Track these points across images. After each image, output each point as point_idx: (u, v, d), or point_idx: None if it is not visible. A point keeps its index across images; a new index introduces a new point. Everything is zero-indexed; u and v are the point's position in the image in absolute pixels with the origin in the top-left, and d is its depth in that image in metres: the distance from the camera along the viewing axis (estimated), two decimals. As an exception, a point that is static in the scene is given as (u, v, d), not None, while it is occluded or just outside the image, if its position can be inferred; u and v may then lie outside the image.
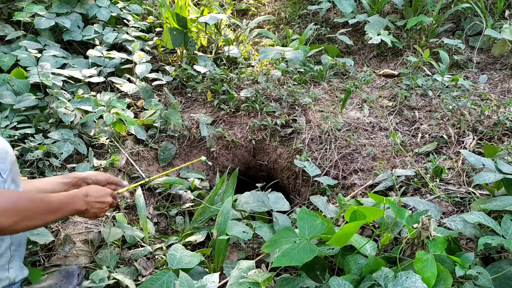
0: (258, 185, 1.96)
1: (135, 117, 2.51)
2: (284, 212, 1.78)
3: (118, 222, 1.88)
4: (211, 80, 2.83)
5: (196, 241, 1.84)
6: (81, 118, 2.28)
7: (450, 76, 2.70)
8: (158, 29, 3.27)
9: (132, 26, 3.10)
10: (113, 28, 3.03)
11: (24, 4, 2.80)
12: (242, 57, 3.17)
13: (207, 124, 2.57)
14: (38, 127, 2.24)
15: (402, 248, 1.40)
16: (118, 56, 2.74)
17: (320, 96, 2.73)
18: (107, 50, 2.81)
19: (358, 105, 2.67)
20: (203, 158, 1.86)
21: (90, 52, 2.69)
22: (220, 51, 3.18)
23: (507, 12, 3.18)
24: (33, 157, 2.02)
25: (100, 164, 2.15)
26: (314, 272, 1.40)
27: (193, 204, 2.19)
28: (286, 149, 2.51)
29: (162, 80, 2.82)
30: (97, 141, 2.29)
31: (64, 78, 2.46)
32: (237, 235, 1.61)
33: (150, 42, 3.12)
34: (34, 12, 2.78)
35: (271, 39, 3.41)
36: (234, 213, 1.86)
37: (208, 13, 3.11)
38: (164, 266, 1.68)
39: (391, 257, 1.42)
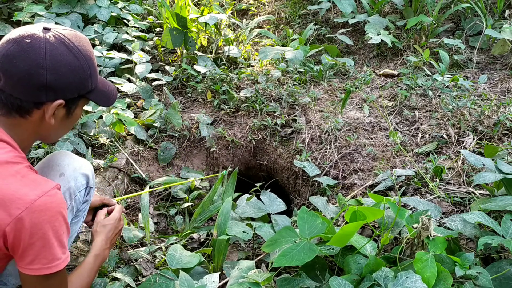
0: (257, 184, 1.96)
1: (135, 117, 2.51)
2: (282, 212, 1.78)
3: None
4: (211, 80, 2.83)
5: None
6: (81, 118, 2.28)
7: (450, 76, 2.70)
8: (158, 29, 3.27)
9: (132, 26, 3.09)
10: (113, 28, 3.03)
11: (24, 4, 2.80)
12: (242, 57, 3.17)
13: (207, 124, 2.57)
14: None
15: (402, 248, 1.40)
16: (118, 56, 2.74)
17: (320, 96, 2.73)
18: (107, 50, 2.80)
19: (358, 105, 2.67)
20: (225, 172, 2.02)
21: (90, 52, 2.69)
22: (220, 51, 3.18)
23: (507, 12, 3.18)
24: (35, 154, 2.03)
25: (99, 164, 2.15)
26: (314, 272, 1.40)
27: (192, 204, 2.18)
28: (286, 149, 2.50)
29: (162, 80, 2.82)
30: (97, 141, 2.29)
31: (64, 78, 2.45)
32: (237, 235, 1.61)
33: (150, 42, 3.12)
34: (34, 12, 2.77)
35: (271, 39, 3.41)
36: (234, 215, 1.87)
37: (208, 13, 3.10)
38: (164, 266, 1.68)
39: (391, 257, 1.42)
